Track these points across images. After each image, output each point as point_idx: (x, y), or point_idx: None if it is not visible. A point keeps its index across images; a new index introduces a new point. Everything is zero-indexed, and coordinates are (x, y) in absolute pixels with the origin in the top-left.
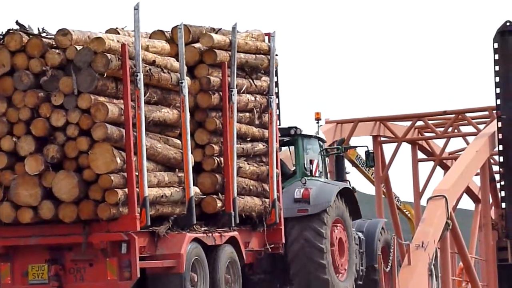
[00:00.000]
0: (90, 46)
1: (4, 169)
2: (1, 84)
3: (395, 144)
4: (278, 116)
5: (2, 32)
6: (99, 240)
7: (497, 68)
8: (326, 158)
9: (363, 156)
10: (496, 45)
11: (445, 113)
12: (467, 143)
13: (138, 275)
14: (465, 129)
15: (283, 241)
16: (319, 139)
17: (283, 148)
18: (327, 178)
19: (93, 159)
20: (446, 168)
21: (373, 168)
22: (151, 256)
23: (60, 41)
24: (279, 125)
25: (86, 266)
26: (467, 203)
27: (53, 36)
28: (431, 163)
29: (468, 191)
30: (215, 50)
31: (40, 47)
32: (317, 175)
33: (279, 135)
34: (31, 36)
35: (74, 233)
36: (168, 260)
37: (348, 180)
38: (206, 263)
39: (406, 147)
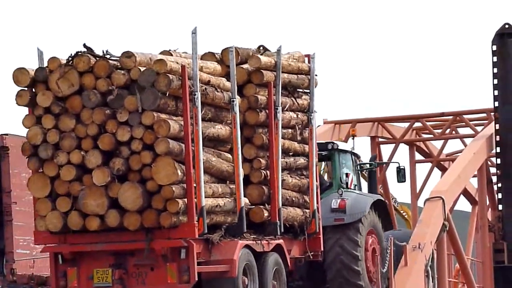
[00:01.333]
0: (153, 67)
1: (73, 181)
2: (70, 102)
3: (393, 145)
4: None
5: (71, 54)
6: (160, 246)
7: (495, 70)
8: (360, 172)
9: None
10: (494, 47)
11: (443, 114)
12: (465, 145)
13: (196, 279)
14: (462, 131)
15: (322, 249)
16: (354, 154)
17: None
18: (361, 191)
19: (156, 171)
20: (443, 169)
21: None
22: (206, 262)
23: (124, 63)
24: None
25: (148, 271)
26: (464, 205)
27: (118, 58)
28: (429, 165)
29: (465, 193)
30: (262, 71)
31: (107, 68)
32: (352, 187)
33: (318, 149)
34: (98, 58)
35: (137, 240)
36: (222, 265)
37: (380, 193)
38: (256, 268)
39: (404, 148)
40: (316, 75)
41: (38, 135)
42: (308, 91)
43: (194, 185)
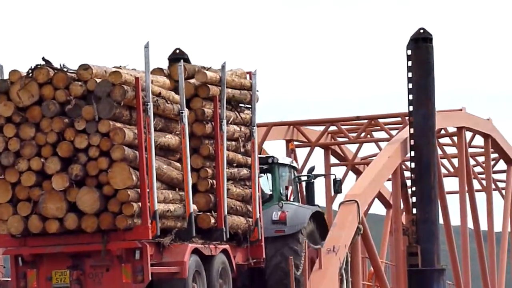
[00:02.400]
0: (109, 78)
1: (33, 186)
2: (30, 112)
3: (308, 149)
4: None
5: (31, 67)
6: (116, 248)
7: (410, 75)
8: (298, 184)
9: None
10: (409, 52)
11: (358, 118)
12: (380, 149)
13: (150, 278)
14: (377, 134)
15: (264, 256)
16: (293, 167)
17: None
18: (299, 202)
19: (112, 176)
20: (358, 173)
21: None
22: (158, 263)
23: (81, 75)
24: None
25: (104, 271)
26: (378, 208)
27: (75, 71)
28: (344, 168)
29: (380, 196)
30: (208, 85)
31: (65, 80)
32: (291, 199)
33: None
34: (56, 71)
35: (94, 242)
36: (173, 266)
37: (317, 204)
38: (204, 270)
39: (319, 152)
40: (257, 91)
41: (0, 143)
42: (250, 106)
43: (148, 190)
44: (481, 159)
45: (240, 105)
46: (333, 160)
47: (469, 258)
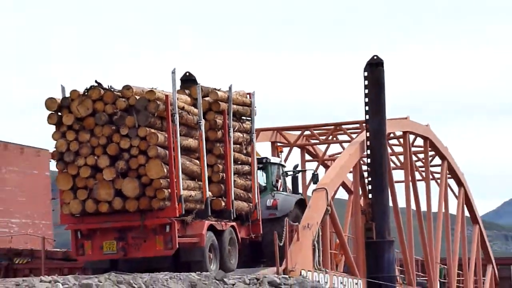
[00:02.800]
0: (146, 96)
1: (89, 177)
2: (86, 121)
3: (288, 149)
4: None
5: (86, 87)
6: (151, 223)
7: (366, 91)
8: (285, 178)
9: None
10: (366, 74)
11: (326, 125)
12: (343, 148)
13: (177, 246)
14: (341, 137)
15: (261, 232)
16: (281, 165)
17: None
18: (287, 192)
19: (148, 169)
20: (326, 167)
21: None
22: (182, 235)
23: (125, 93)
24: None
25: (142, 242)
26: (342, 194)
27: (120, 90)
28: (315, 163)
29: (344, 185)
30: (219, 102)
31: (112, 97)
32: (281, 190)
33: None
34: (105, 90)
35: (135, 219)
36: (194, 238)
37: (300, 193)
38: (217, 240)
39: (296, 151)
40: (255, 107)
41: (63, 145)
42: (250, 118)
43: (175, 180)
44: (421, 156)
45: (243, 117)
46: (307, 157)
47: (412, 232)
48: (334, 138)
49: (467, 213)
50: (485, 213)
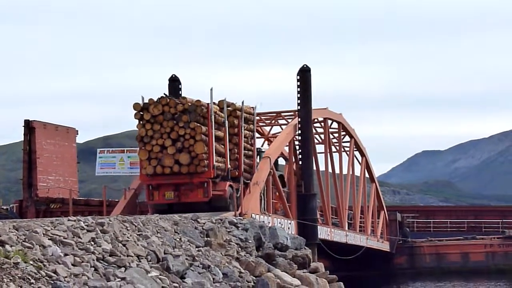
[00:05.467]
0: (195, 103)
1: (158, 152)
2: (158, 118)
3: None
4: None
5: (158, 97)
6: (196, 181)
7: (298, 89)
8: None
9: None
10: (298, 77)
11: (270, 113)
12: (282, 129)
13: (211, 195)
14: (281, 121)
15: None
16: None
17: None
18: None
19: (195, 148)
20: (270, 142)
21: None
22: (213, 190)
23: (182, 101)
24: None
25: (189, 192)
26: (281, 161)
27: (180, 99)
28: (263, 140)
29: (282, 154)
30: (236, 111)
31: (174, 103)
32: None
33: None
34: (170, 99)
35: (186, 178)
36: (221, 191)
37: (281, 172)
38: (234, 193)
39: None
40: (256, 116)
41: (143, 132)
42: (252, 122)
43: (211, 155)
44: (336, 135)
45: (248, 121)
46: (257, 135)
47: (329, 188)
48: (276, 122)
49: (367, 175)
50: (379, 174)
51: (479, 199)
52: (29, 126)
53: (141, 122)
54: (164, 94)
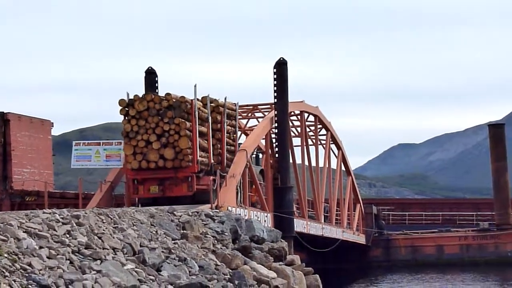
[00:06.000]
0: (179, 99)
1: (144, 147)
2: (143, 113)
3: None
4: None
5: (143, 93)
6: (181, 175)
7: (275, 82)
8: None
9: None
10: (275, 70)
11: (247, 105)
12: (259, 122)
13: (195, 190)
14: (258, 114)
15: None
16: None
17: None
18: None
19: (180, 143)
20: (247, 135)
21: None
22: (198, 184)
23: (167, 97)
24: None
25: (174, 186)
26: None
27: (165, 95)
28: (239, 132)
29: (259, 147)
30: (219, 107)
31: (159, 99)
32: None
33: None
34: (154, 95)
35: (171, 172)
36: (204, 185)
37: (262, 166)
38: (218, 187)
39: None
40: (238, 111)
41: (129, 127)
42: (234, 117)
43: (195, 150)
44: (312, 128)
45: (231, 117)
46: None
47: (305, 180)
48: (252, 115)
49: (343, 168)
50: (355, 167)
51: (454, 192)
52: (3, 118)
53: (126, 117)
54: (149, 90)
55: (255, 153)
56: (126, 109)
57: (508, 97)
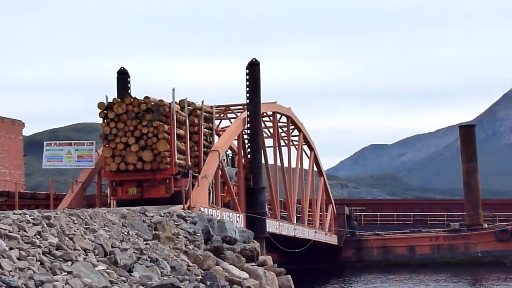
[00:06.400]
0: (158, 102)
1: (122, 149)
2: (121, 116)
3: None
4: None
5: (122, 97)
6: (159, 177)
7: (247, 83)
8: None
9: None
10: (247, 71)
11: (220, 106)
12: (231, 123)
13: (172, 191)
14: (230, 115)
15: None
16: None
17: None
18: (230, 167)
19: (158, 145)
20: (219, 136)
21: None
22: (175, 186)
23: (145, 100)
24: None
25: (152, 188)
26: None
27: (143, 98)
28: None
29: (231, 147)
30: (196, 110)
31: (138, 102)
32: (230, 166)
33: None
34: (133, 98)
35: (149, 174)
36: (180, 187)
37: (236, 168)
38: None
39: None
40: (215, 115)
41: (107, 130)
42: (211, 121)
43: (173, 153)
44: (285, 129)
45: (207, 120)
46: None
47: (278, 181)
48: (225, 116)
49: (315, 168)
50: (328, 168)
51: (425, 192)
52: None
53: (105, 120)
54: (128, 93)
55: (230, 155)
56: (105, 111)
57: (479, 98)
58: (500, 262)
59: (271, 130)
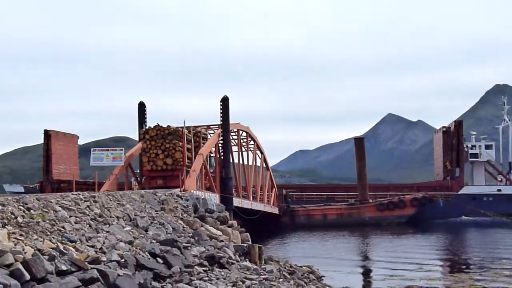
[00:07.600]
0: (175, 129)
1: (154, 157)
2: (153, 138)
3: None
4: None
5: (154, 126)
6: (176, 174)
7: (221, 111)
8: None
9: None
10: (221, 103)
11: (203, 126)
12: (210, 136)
13: (184, 183)
14: (210, 131)
15: None
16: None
17: None
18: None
19: (176, 155)
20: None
21: None
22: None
23: (168, 127)
24: None
25: (172, 180)
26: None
27: (167, 126)
28: None
29: (210, 152)
30: (197, 132)
31: (163, 129)
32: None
33: None
34: (160, 127)
35: (170, 173)
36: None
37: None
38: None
39: None
40: (209, 135)
41: (145, 145)
42: (206, 138)
43: (185, 159)
44: (245, 140)
45: (204, 138)
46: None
47: (240, 173)
48: (207, 131)
49: (264, 165)
50: (272, 165)
51: (333, 180)
52: (47, 134)
53: (144, 139)
54: (158, 124)
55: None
56: (144, 134)
57: (367, 121)
58: (379, 224)
59: (236, 141)
